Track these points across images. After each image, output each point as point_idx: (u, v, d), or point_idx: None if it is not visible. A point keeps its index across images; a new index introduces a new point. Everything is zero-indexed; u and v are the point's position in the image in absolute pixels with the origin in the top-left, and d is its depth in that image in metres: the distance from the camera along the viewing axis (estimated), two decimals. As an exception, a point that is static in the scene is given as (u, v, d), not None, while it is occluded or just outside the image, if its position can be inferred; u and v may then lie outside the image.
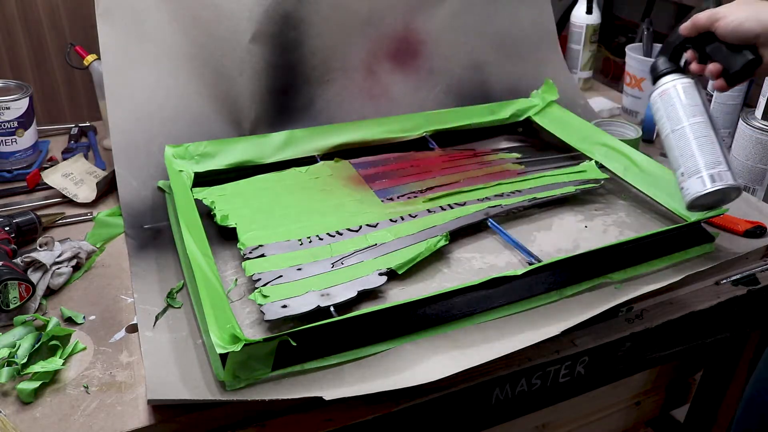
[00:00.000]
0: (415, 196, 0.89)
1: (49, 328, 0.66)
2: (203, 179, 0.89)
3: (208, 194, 0.86)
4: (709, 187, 0.71)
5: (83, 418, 0.59)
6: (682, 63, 0.80)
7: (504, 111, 1.10)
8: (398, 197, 0.88)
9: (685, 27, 0.77)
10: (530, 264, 0.74)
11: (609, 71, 1.63)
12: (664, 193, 0.89)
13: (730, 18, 0.71)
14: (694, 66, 0.78)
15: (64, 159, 1.02)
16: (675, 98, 0.76)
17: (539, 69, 1.17)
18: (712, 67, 0.75)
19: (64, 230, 0.86)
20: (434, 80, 1.11)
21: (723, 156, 0.72)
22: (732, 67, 0.73)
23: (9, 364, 0.63)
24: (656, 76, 0.79)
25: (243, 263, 0.74)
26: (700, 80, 0.79)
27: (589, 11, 1.32)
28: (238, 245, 0.77)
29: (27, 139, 0.99)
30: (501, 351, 0.65)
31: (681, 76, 0.78)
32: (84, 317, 0.71)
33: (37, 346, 0.65)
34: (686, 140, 0.74)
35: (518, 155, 1.03)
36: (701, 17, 0.74)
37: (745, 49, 0.72)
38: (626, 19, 2.22)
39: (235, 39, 0.95)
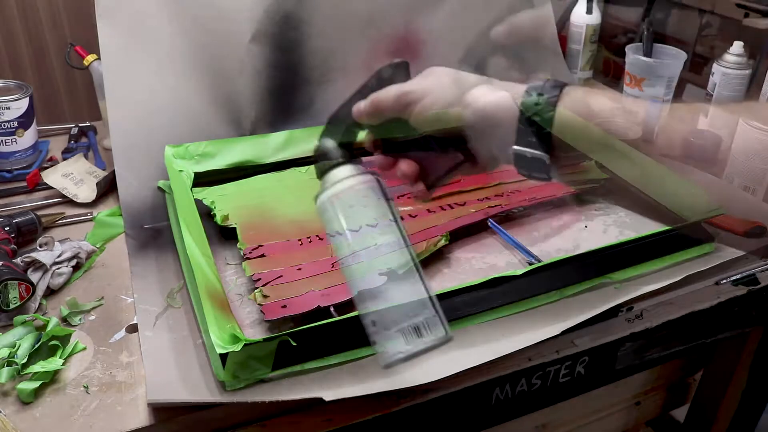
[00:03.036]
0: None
1: (49, 328, 0.66)
2: (203, 179, 0.89)
3: (208, 194, 0.86)
4: (414, 347, 0.49)
5: (83, 418, 0.59)
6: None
7: (504, 111, 1.10)
8: (398, 197, 0.88)
9: (362, 112, 0.54)
10: (530, 264, 0.74)
11: (609, 71, 1.63)
12: (664, 193, 0.88)
13: (428, 100, 0.50)
14: (380, 161, 0.55)
15: (64, 159, 1.01)
16: (351, 208, 0.52)
17: (539, 69, 1.17)
18: (407, 168, 0.54)
19: (64, 230, 0.86)
20: (434, 80, 1.11)
21: (426, 291, 0.51)
22: (436, 170, 0.54)
23: (9, 364, 0.63)
24: (324, 168, 0.55)
25: (243, 263, 0.74)
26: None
27: (589, 11, 1.32)
28: (238, 245, 0.77)
29: (27, 139, 0.99)
30: (501, 351, 0.65)
31: (357, 170, 0.54)
32: (81, 318, 0.71)
33: (37, 346, 0.65)
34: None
35: (518, 155, 1.03)
36: (386, 97, 0.52)
37: (451, 143, 0.51)
38: (626, 19, 2.22)
39: (235, 39, 0.95)
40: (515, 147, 0.47)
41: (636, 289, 0.74)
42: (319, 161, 0.55)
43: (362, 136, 0.54)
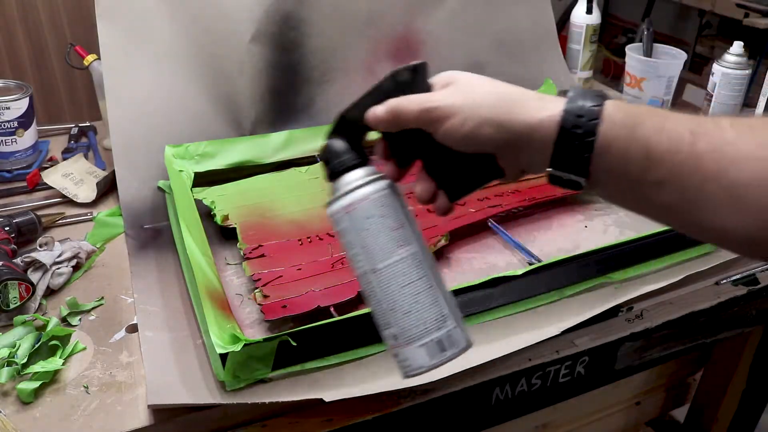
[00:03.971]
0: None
1: (49, 328, 0.66)
2: (203, 179, 0.89)
3: (208, 194, 0.86)
4: (438, 360, 0.48)
5: (83, 418, 0.59)
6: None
7: (504, 111, 1.10)
8: (398, 197, 0.88)
9: (379, 120, 0.49)
10: (530, 264, 0.74)
11: (609, 71, 1.63)
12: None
13: (457, 119, 0.45)
14: (389, 169, 0.51)
15: (64, 159, 1.01)
16: (367, 219, 0.48)
17: (539, 69, 1.17)
18: (425, 186, 0.50)
19: (64, 230, 0.86)
20: (434, 80, 1.11)
21: (446, 304, 0.48)
22: (459, 187, 0.51)
23: (9, 364, 0.63)
24: (334, 170, 0.50)
25: (243, 263, 0.74)
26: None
27: (589, 11, 1.32)
28: (238, 245, 0.77)
29: (27, 139, 0.99)
30: (501, 351, 0.65)
31: (372, 175, 0.49)
32: (80, 319, 0.71)
33: (37, 346, 0.65)
34: (394, 287, 0.48)
35: (518, 155, 1.03)
36: (409, 109, 0.47)
37: (478, 157, 0.48)
38: (626, 19, 2.22)
39: (235, 39, 0.95)
40: (550, 169, 0.45)
41: (636, 289, 0.74)
42: (330, 162, 0.50)
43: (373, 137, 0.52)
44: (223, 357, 0.59)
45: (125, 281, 0.77)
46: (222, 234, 0.83)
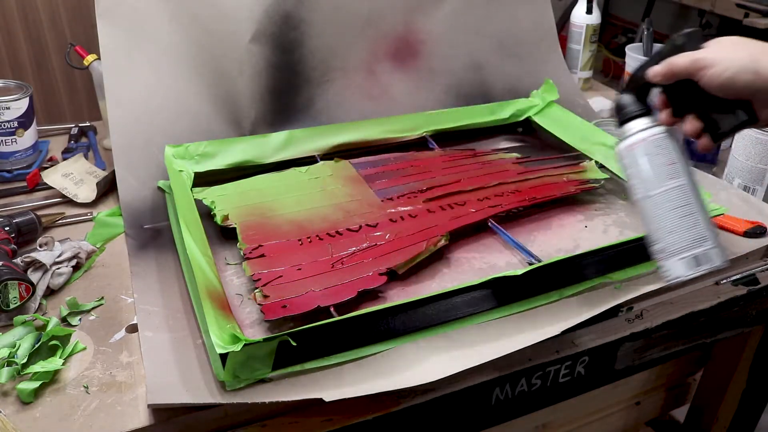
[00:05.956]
0: (415, 196, 0.89)
1: (49, 328, 0.66)
2: (203, 179, 0.89)
3: (208, 194, 0.86)
4: (694, 272, 0.59)
5: (83, 418, 0.59)
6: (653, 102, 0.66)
7: (504, 111, 1.10)
8: (398, 197, 0.88)
9: (657, 73, 0.61)
10: (530, 264, 0.74)
11: (609, 71, 1.63)
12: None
13: (719, 68, 0.56)
14: (665, 117, 0.63)
15: (64, 159, 1.01)
16: (646, 156, 0.61)
17: (539, 69, 1.17)
18: (693, 125, 0.61)
19: (64, 230, 0.86)
20: (434, 80, 1.11)
21: (707, 228, 0.59)
22: (720, 127, 0.60)
23: (9, 364, 0.63)
24: (623, 118, 0.64)
25: (243, 263, 0.74)
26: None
27: (589, 11, 1.32)
28: (238, 245, 0.77)
29: (27, 139, 0.99)
30: (501, 351, 0.65)
31: (652, 123, 0.62)
32: (80, 319, 0.71)
33: (37, 346, 0.65)
34: (662, 211, 0.60)
35: (518, 155, 1.03)
36: (680, 62, 0.59)
37: (736, 104, 0.58)
38: (626, 19, 2.23)
39: (235, 39, 0.95)
40: None
41: (636, 289, 0.74)
42: (620, 112, 0.64)
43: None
44: (223, 357, 0.59)
45: (125, 281, 0.77)
46: (222, 234, 0.83)
